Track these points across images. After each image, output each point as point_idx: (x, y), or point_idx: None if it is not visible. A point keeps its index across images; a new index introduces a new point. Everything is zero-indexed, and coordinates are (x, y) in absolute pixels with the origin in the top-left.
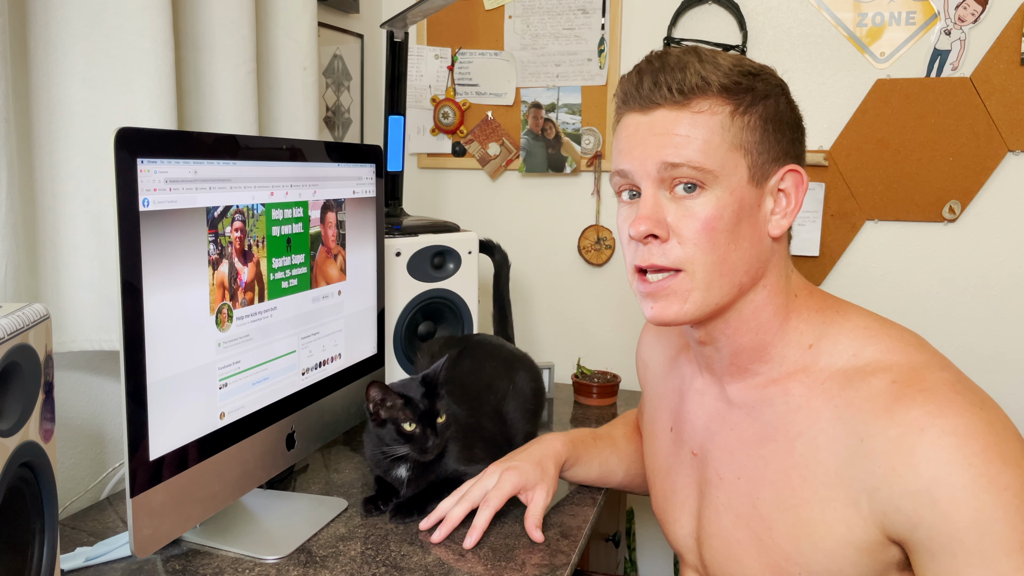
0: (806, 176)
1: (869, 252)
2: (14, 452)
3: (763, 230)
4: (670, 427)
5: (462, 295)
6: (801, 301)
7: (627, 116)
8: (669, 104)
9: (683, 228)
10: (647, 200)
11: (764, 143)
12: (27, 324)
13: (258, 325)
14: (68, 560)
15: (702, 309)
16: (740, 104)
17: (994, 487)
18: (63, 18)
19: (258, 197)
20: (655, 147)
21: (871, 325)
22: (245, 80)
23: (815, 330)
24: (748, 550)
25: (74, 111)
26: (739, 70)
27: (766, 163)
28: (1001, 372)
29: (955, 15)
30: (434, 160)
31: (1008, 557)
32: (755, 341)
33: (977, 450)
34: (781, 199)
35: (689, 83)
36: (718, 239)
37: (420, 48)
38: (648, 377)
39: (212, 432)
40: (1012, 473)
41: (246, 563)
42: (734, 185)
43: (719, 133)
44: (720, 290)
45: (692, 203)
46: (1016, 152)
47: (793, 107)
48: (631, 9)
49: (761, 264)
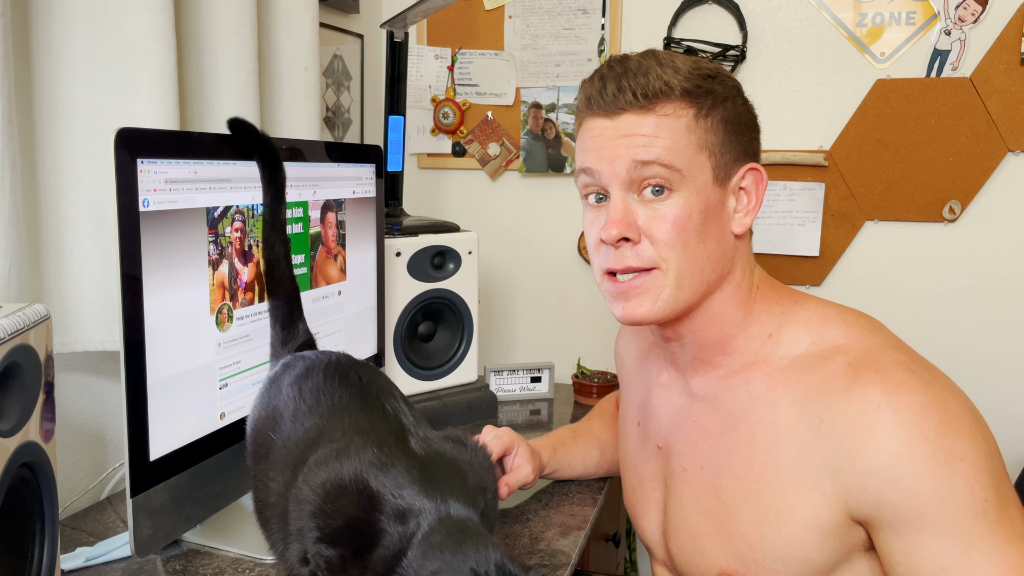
0: (765, 174)
1: (869, 252)
2: (14, 452)
3: (727, 229)
4: (637, 422)
5: (462, 295)
6: (762, 293)
7: (591, 120)
8: (634, 109)
9: (654, 230)
10: (617, 204)
11: (726, 144)
12: (27, 324)
13: (258, 325)
14: (68, 560)
15: (673, 307)
16: (702, 107)
17: (952, 458)
18: (65, 18)
19: (258, 197)
20: (624, 147)
21: (828, 312)
22: (247, 80)
23: (775, 320)
24: (713, 541)
25: (76, 111)
26: (698, 73)
27: (728, 163)
28: (1001, 372)
29: (955, 15)
30: (434, 160)
31: (971, 525)
32: (719, 335)
33: (932, 424)
34: (743, 197)
35: (653, 88)
36: (688, 239)
37: (420, 48)
38: (623, 372)
39: (212, 432)
40: (966, 444)
41: (246, 563)
42: (700, 186)
43: (684, 135)
44: (691, 288)
45: (661, 206)
46: (1016, 152)
47: (749, 108)
48: (631, 9)
49: (727, 262)
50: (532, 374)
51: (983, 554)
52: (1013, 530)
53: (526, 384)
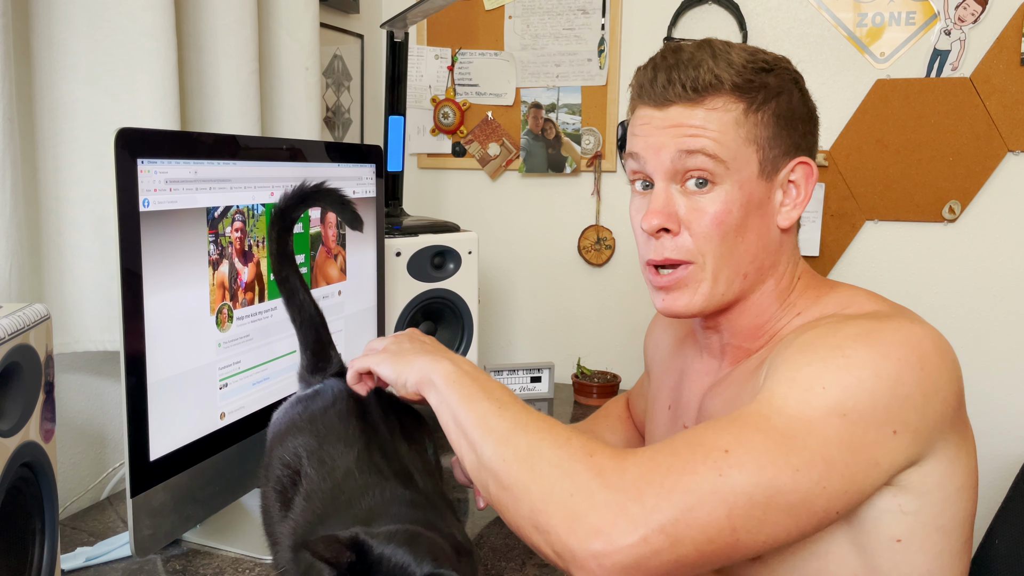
0: (816, 168)
1: (869, 252)
2: (14, 452)
3: (772, 222)
4: (668, 405)
5: (462, 295)
6: (803, 282)
7: (641, 108)
8: (683, 101)
9: (693, 222)
10: (659, 195)
11: (776, 138)
12: (27, 324)
13: (258, 325)
14: (68, 560)
15: (709, 301)
16: (753, 102)
17: (847, 358)
18: (66, 18)
19: (258, 197)
20: (670, 137)
21: (858, 292)
22: (248, 80)
23: (808, 302)
24: None
25: (77, 111)
26: (752, 67)
27: (777, 157)
28: (1001, 371)
29: (955, 15)
30: (434, 160)
31: (804, 403)
32: (755, 322)
33: (852, 334)
34: (791, 190)
35: (702, 81)
36: (727, 233)
37: (420, 48)
38: (656, 357)
39: (212, 432)
40: (880, 362)
41: (246, 563)
42: (744, 179)
43: (732, 128)
44: (727, 281)
45: (703, 198)
46: (1016, 152)
47: (807, 100)
48: (631, 9)
49: (769, 255)
50: (532, 374)
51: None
52: (822, 441)
53: (526, 384)
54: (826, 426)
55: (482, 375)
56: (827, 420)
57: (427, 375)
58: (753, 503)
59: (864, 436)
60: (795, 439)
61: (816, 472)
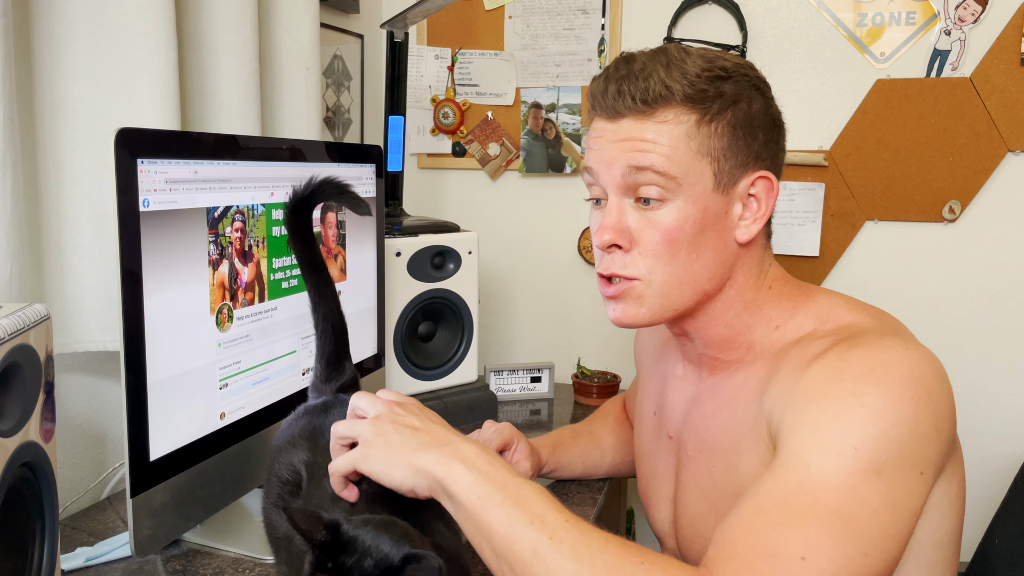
0: (777, 183)
1: (869, 252)
2: (14, 452)
3: (729, 236)
4: (653, 411)
5: (462, 295)
6: (774, 291)
7: (596, 120)
8: (633, 114)
9: (644, 238)
10: (611, 210)
11: (732, 148)
12: (27, 324)
13: (258, 325)
14: (68, 560)
15: (660, 314)
16: (706, 112)
17: (852, 400)
18: (66, 18)
19: (258, 197)
20: (620, 151)
21: (836, 301)
22: (248, 80)
23: (784, 313)
24: (708, 523)
25: (78, 111)
26: (708, 75)
27: (734, 168)
28: (1001, 371)
29: (955, 15)
30: (434, 160)
31: (820, 454)
32: (723, 333)
33: (860, 374)
34: (752, 204)
35: (652, 93)
36: (678, 250)
37: (420, 48)
38: (643, 361)
39: (212, 432)
40: (883, 401)
41: (246, 563)
42: (698, 194)
43: (684, 142)
44: (680, 297)
45: (654, 214)
46: (1016, 152)
47: (770, 106)
48: (631, 9)
49: (726, 269)
50: (532, 374)
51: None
52: (873, 511)
53: (526, 384)
54: (871, 492)
55: (504, 472)
56: (869, 484)
57: (439, 482)
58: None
59: (901, 488)
60: (852, 519)
61: (880, 548)
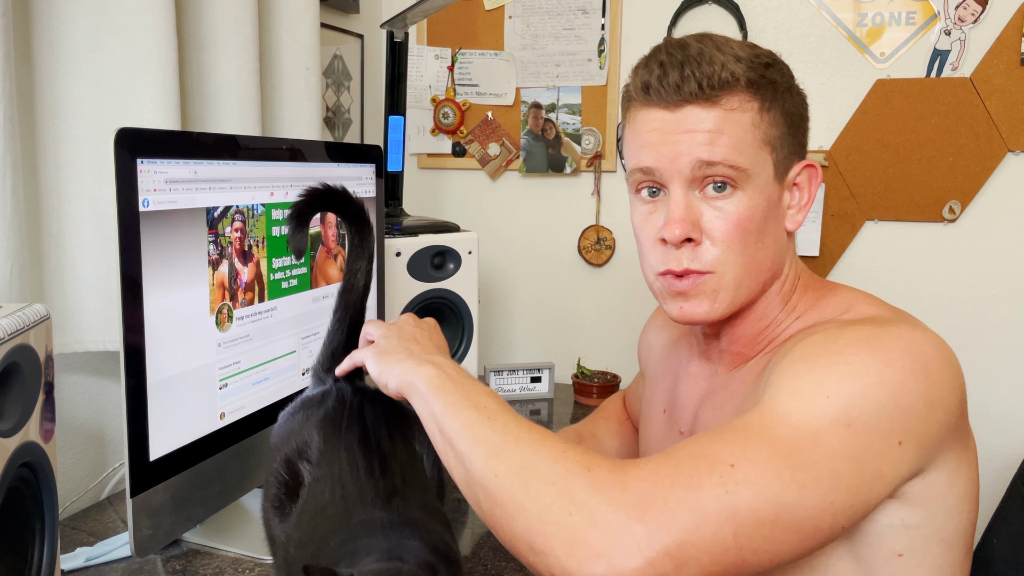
0: (820, 170)
1: (869, 252)
2: (14, 452)
3: (782, 226)
4: (663, 409)
5: (462, 295)
6: (802, 282)
7: (648, 111)
8: (698, 101)
9: (716, 229)
10: (679, 202)
11: (786, 138)
12: (27, 324)
13: (258, 325)
14: (68, 560)
15: (730, 308)
16: (765, 99)
17: (849, 364)
18: (67, 18)
19: (258, 197)
20: (687, 144)
21: (856, 294)
22: (248, 80)
23: (805, 304)
24: None
25: (78, 111)
26: (758, 61)
27: (787, 157)
28: (1001, 371)
29: (955, 15)
30: (434, 160)
31: (810, 408)
32: (757, 327)
33: (853, 340)
34: (796, 193)
35: (719, 78)
36: (748, 239)
37: (420, 48)
38: (650, 360)
39: (212, 432)
40: (883, 369)
41: (246, 563)
42: (763, 183)
43: (750, 131)
44: (748, 289)
45: (724, 203)
46: (1016, 152)
47: (803, 98)
48: (631, 9)
49: (781, 259)
50: (532, 374)
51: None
52: (828, 453)
53: (526, 384)
54: (831, 437)
55: (468, 380)
56: (832, 431)
57: (408, 379)
58: (760, 521)
59: (869, 447)
60: (801, 452)
61: (823, 487)
